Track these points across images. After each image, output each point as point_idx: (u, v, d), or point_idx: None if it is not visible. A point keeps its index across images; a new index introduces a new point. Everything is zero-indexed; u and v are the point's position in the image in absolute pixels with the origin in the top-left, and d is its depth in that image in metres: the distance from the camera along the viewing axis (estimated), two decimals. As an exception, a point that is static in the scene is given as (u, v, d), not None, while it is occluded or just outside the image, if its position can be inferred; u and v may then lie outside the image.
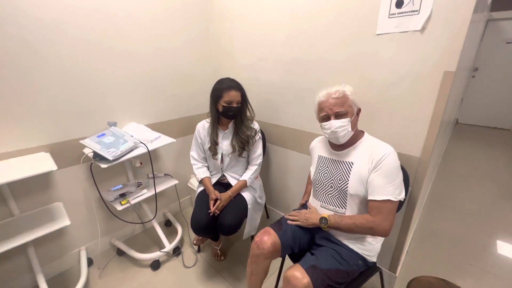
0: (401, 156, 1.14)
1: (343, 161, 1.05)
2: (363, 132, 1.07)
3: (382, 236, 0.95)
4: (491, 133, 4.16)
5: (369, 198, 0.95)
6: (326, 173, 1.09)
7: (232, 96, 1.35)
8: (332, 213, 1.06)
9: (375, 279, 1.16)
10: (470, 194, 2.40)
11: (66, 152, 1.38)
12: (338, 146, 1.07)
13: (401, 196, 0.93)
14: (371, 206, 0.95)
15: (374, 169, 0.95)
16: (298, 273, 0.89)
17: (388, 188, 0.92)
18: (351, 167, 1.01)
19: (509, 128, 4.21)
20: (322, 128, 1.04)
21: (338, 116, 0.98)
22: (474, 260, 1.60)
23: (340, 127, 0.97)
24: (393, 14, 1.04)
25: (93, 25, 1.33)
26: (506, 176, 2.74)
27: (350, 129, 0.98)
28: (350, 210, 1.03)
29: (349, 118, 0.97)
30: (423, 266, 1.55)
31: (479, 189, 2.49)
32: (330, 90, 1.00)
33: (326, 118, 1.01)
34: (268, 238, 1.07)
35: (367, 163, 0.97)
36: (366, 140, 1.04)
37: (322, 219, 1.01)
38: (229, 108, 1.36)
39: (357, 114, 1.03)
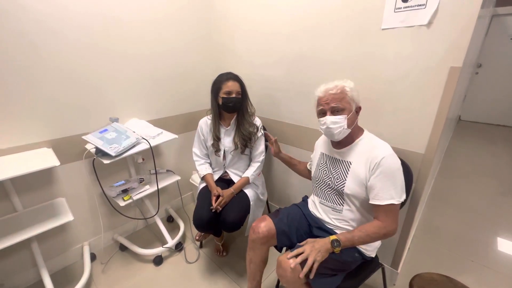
0: (405, 152, 1.14)
1: (341, 160, 1.04)
2: (362, 129, 1.05)
3: (390, 236, 0.93)
4: (494, 130, 4.13)
5: (373, 202, 0.93)
6: (326, 170, 1.09)
7: (230, 86, 1.34)
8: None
9: (377, 275, 1.16)
10: (472, 191, 2.39)
11: (68, 148, 1.38)
12: (337, 144, 1.05)
13: (403, 198, 0.93)
14: (377, 210, 0.93)
15: (373, 173, 0.93)
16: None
17: (390, 192, 0.91)
18: (349, 166, 1.00)
19: (512, 125, 4.19)
20: (319, 123, 1.02)
21: (334, 111, 0.96)
22: (476, 256, 1.60)
23: (335, 123, 0.95)
24: (399, 8, 1.02)
25: (94, 24, 1.33)
26: (508, 173, 2.73)
27: (346, 126, 0.95)
28: (348, 207, 1.03)
29: (345, 115, 0.94)
30: (424, 263, 1.55)
31: (481, 186, 2.48)
32: (328, 86, 0.98)
33: (323, 113, 0.99)
34: (264, 224, 1.11)
35: (365, 166, 0.95)
36: (365, 139, 1.01)
37: (334, 241, 0.89)
38: (229, 98, 1.34)
39: (357, 112, 1.00)
